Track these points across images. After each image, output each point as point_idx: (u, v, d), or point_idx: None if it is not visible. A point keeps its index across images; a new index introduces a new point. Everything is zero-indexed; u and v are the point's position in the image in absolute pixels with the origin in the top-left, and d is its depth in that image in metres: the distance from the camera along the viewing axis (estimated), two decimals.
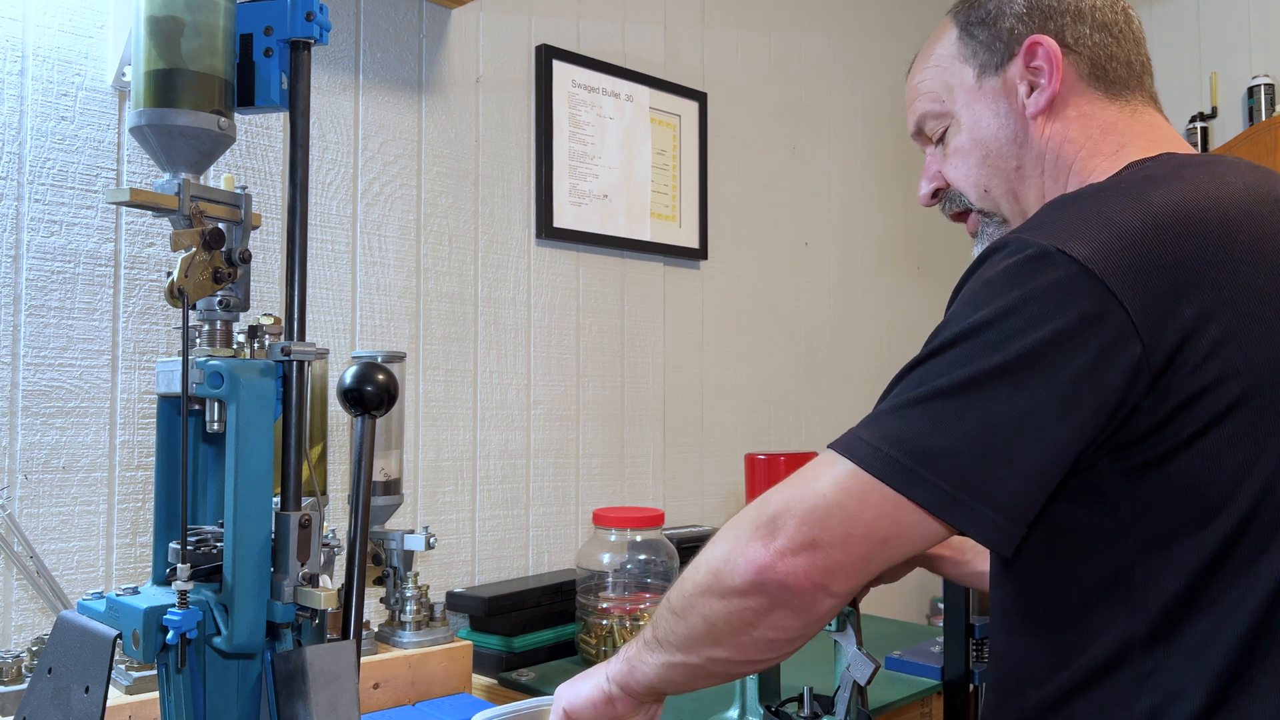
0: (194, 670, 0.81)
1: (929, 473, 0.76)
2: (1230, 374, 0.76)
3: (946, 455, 0.76)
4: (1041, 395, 0.75)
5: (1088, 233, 0.78)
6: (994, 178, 1.01)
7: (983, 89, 1.00)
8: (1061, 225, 0.80)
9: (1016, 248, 0.79)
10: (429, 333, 1.73)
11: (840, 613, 1.21)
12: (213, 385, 0.81)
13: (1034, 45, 0.96)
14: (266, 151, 1.55)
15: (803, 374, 2.44)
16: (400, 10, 1.71)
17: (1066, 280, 0.76)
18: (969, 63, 1.01)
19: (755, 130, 2.35)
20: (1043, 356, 0.75)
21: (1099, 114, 0.97)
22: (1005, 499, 0.76)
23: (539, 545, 1.88)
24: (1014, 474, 0.76)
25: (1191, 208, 0.80)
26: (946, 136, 1.03)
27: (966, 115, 1.01)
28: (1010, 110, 0.98)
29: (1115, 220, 0.79)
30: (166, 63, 0.84)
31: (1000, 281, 0.78)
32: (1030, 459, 0.76)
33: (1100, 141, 0.96)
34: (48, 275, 1.33)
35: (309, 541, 0.83)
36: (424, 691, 1.35)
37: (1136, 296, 0.75)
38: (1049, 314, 0.75)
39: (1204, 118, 2.75)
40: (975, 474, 0.75)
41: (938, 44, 1.05)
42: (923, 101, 1.05)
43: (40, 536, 1.31)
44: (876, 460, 0.77)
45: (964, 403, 0.76)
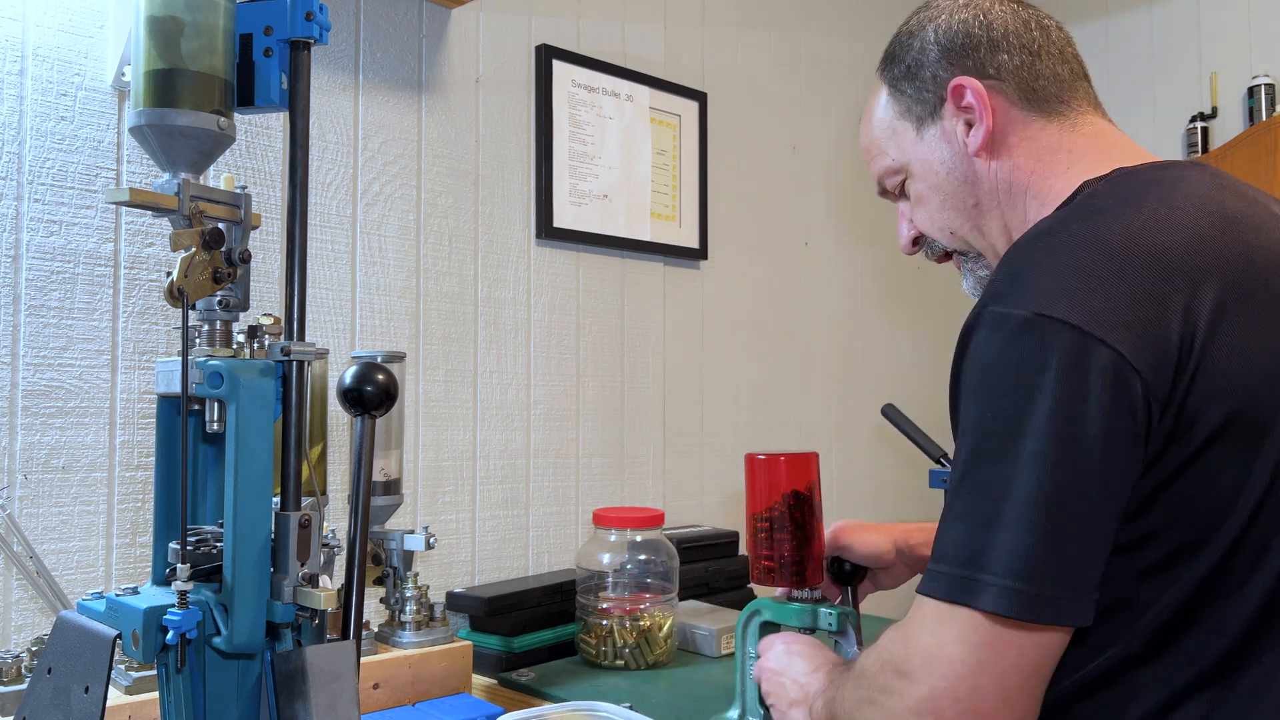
0: (194, 670, 0.81)
1: (1039, 588, 0.75)
2: (1214, 397, 0.78)
3: (1029, 560, 0.75)
4: (1076, 465, 0.76)
5: (1058, 288, 0.78)
6: (955, 218, 1.03)
7: (924, 139, 1.03)
8: (1028, 283, 0.80)
9: (997, 322, 0.80)
10: (429, 333, 1.73)
11: (840, 613, 1.21)
12: (212, 385, 0.81)
13: (959, 88, 0.98)
14: (266, 151, 1.55)
15: (803, 374, 2.44)
16: (400, 10, 1.71)
17: (1049, 342, 0.76)
18: (905, 117, 1.04)
19: (755, 130, 2.35)
20: (1061, 424, 0.76)
21: (1040, 136, 0.98)
22: (1090, 578, 0.77)
23: (539, 545, 1.88)
24: (1088, 552, 0.77)
25: (1146, 242, 0.80)
26: (906, 187, 1.07)
27: (918, 166, 1.04)
28: (954, 152, 1.01)
29: (1080, 267, 0.79)
30: (166, 63, 0.84)
31: (996, 364, 0.79)
32: (1092, 532, 0.77)
33: (1050, 163, 0.97)
34: (47, 275, 1.33)
35: (309, 541, 0.83)
36: (424, 691, 1.35)
37: (1122, 333, 0.76)
38: (1045, 376, 0.76)
39: (1204, 118, 2.75)
40: (1069, 571, 0.76)
41: (875, 105, 1.08)
42: (877, 160, 1.08)
43: (40, 536, 1.31)
44: (992, 596, 0.76)
45: (1026, 503, 0.76)
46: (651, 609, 1.60)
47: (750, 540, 1.25)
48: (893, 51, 1.06)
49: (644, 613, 1.59)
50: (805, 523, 1.22)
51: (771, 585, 1.24)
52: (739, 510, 2.17)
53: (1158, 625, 0.81)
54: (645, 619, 1.59)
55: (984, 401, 0.79)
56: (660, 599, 1.62)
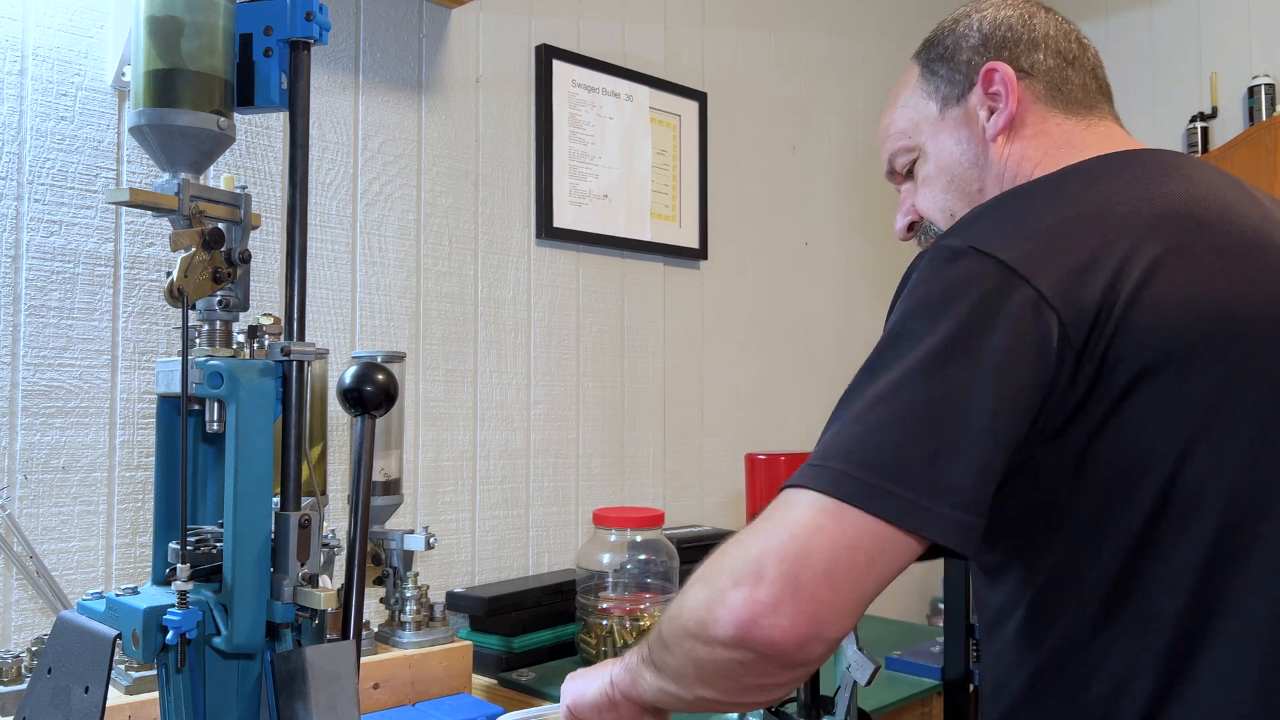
0: (194, 670, 0.81)
1: (889, 483, 0.74)
2: (1135, 346, 0.77)
3: (897, 462, 0.75)
4: (966, 379, 0.75)
5: (999, 230, 0.81)
6: (958, 201, 1.04)
7: (945, 119, 1.04)
8: (977, 227, 0.83)
9: (935, 252, 0.82)
10: (429, 333, 1.73)
11: None
12: (212, 385, 0.81)
13: (990, 71, 1.00)
14: (266, 151, 1.55)
15: (803, 374, 2.44)
16: (400, 10, 1.71)
17: (976, 270, 0.78)
18: (932, 98, 1.05)
19: (755, 130, 2.35)
20: (961, 342, 0.76)
21: (1056, 130, 1.00)
22: (959, 493, 0.75)
23: (539, 545, 1.88)
24: (961, 465, 0.75)
25: (1099, 204, 0.83)
26: (915, 169, 1.08)
27: (931, 145, 1.05)
28: (971, 135, 1.02)
29: (1026, 217, 0.82)
30: (166, 63, 0.84)
31: (921, 283, 0.81)
32: (973, 446, 0.75)
33: (1056, 155, 0.98)
34: (47, 275, 1.33)
35: (309, 541, 0.83)
36: (424, 691, 1.35)
37: (1047, 276, 0.77)
38: (961, 303, 0.77)
39: (1204, 118, 2.75)
40: (926, 474, 0.74)
41: (903, 87, 1.10)
42: (892, 141, 1.09)
43: (40, 536, 1.31)
44: (838, 482, 0.75)
45: (900, 404, 0.76)
46: (651, 609, 1.60)
47: None
48: (933, 37, 1.08)
49: (644, 613, 1.59)
50: None
51: None
52: (739, 510, 2.18)
53: (1102, 594, 0.80)
54: (645, 619, 1.59)
55: (898, 318, 0.81)
56: (660, 599, 1.62)
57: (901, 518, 0.74)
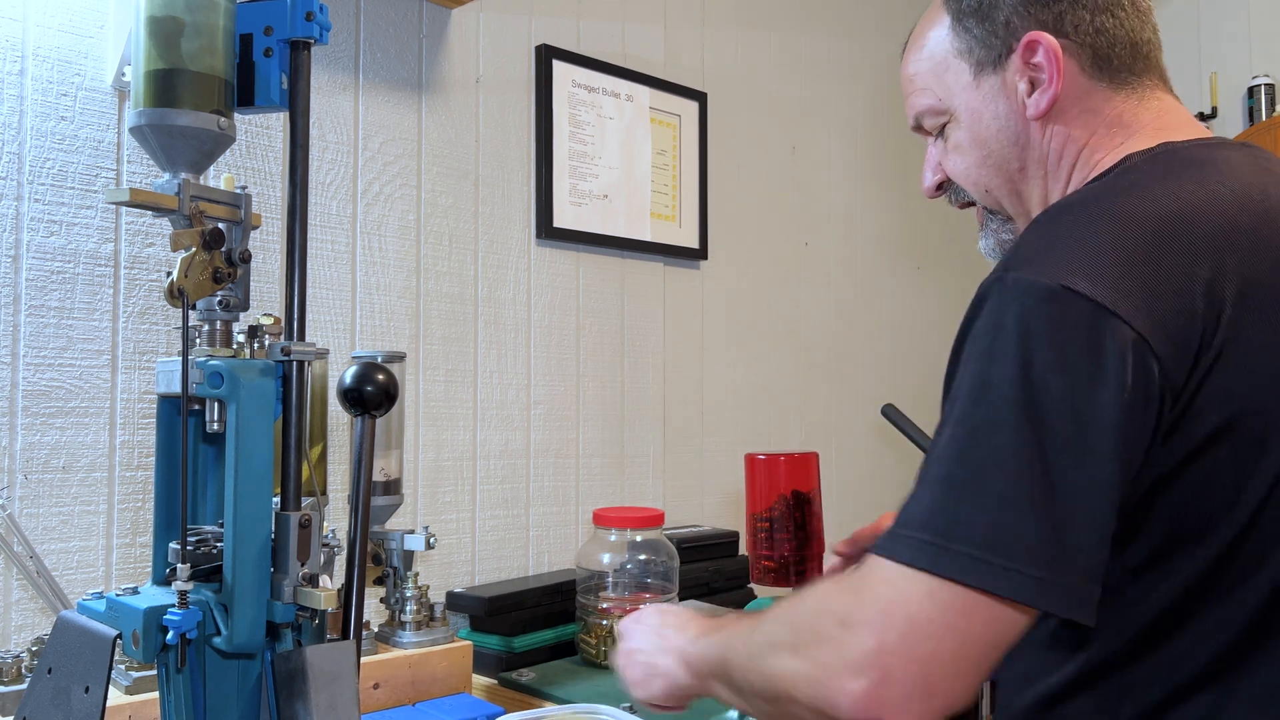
0: (194, 670, 0.81)
1: (1019, 564, 0.70)
2: (1223, 395, 0.75)
3: (1025, 539, 0.70)
4: (1084, 442, 0.71)
5: (1081, 261, 0.74)
6: (995, 178, 0.98)
7: (980, 88, 0.96)
8: (1054, 254, 0.76)
9: (1016, 289, 0.75)
10: (429, 333, 1.73)
11: None
12: (213, 385, 0.81)
13: (1033, 43, 0.92)
14: (266, 151, 1.55)
15: (803, 374, 2.44)
16: (400, 10, 1.71)
17: (1071, 315, 0.72)
18: (964, 59, 0.97)
19: (755, 130, 2.35)
20: (1072, 402, 0.71)
21: (1103, 108, 0.93)
22: (1089, 567, 0.72)
23: (539, 545, 1.88)
24: (1088, 536, 0.72)
25: (1177, 224, 0.77)
26: (946, 131, 1.00)
27: (965, 114, 0.97)
28: (1010, 110, 0.95)
29: (1106, 243, 0.75)
30: (166, 63, 0.84)
31: (1008, 327, 0.74)
32: (1096, 514, 0.72)
33: (1104, 136, 0.93)
34: (48, 275, 1.33)
35: (309, 541, 0.83)
36: (424, 691, 1.35)
37: (1143, 315, 0.72)
38: (1062, 354, 0.72)
39: (1204, 118, 2.75)
40: (1055, 550, 0.70)
41: (930, 31, 1.01)
42: (920, 96, 1.01)
43: (40, 536, 1.31)
44: (966, 568, 0.70)
45: (1017, 473, 0.71)
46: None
47: (750, 540, 1.25)
48: None
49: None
50: (805, 523, 1.22)
51: (771, 585, 1.24)
52: (739, 510, 2.17)
53: (1144, 624, 0.79)
54: None
55: (989, 366, 0.74)
56: (660, 599, 1.62)
57: (1036, 598, 0.70)
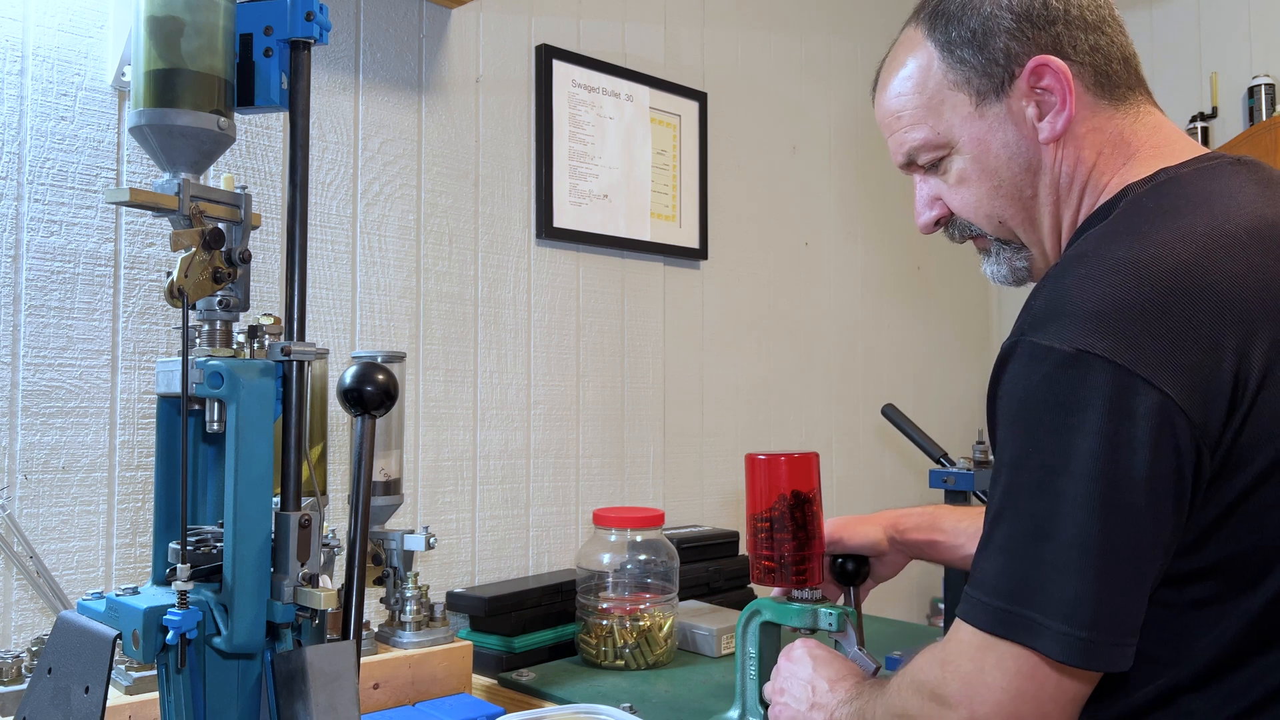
0: (194, 670, 0.81)
1: (1089, 632, 0.75)
2: (1265, 437, 0.76)
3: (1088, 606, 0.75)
4: (1126, 505, 0.74)
5: (1102, 322, 0.75)
6: (1009, 207, 0.96)
7: (984, 117, 0.94)
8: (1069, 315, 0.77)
9: (1037, 354, 0.77)
10: (429, 333, 1.73)
11: (840, 613, 1.21)
12: (213, 385, 0.81)
13: (1041, 67, 0.91)
14: (266, 151, 1.55)
15: (803, 374, 2.44)
16: (400, 10, 1.71)
17: (1097, 382, 0.74)
18: (962, 89, 0.94)
19: (755, 130, 2.35)
20: (1109, 470, 0.74)
21: (1107, 126, 0.93)
22: (1133, 627, 0.77)
23: (539, 545, 1.88)
24: (1132, 597, 0.76)
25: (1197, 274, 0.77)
26: (944, 165, 0.98)
27: (970, 145, 0.95)
28: (1020, 137, 0.93)
29: (1125, 300, 0.75)
30: (166, 63, 0.84)
31: (1037, 398, 0.77)
32: (1140, 575, 0.76)
33: (1109, 157, 0.93)
34: (47, 275, 1.33)
35: (309, 541, 0.83)
36: (424, 691, 1.35)
37: (1169, 375, 0.73)
38: (1091, 422, 0.74)
39: (1204, 118, 2.75)
40: (1110, 614, 0.76)
41: (913, 66, 0.97)
42: (911, 132, 0.98)
43: (40, 536, 1.31)
44: (1045, 639, 0.76)
45: (1070, 541, 0.75)
46: (651, 609, 1.60)
47: (750, 540, 1.25)
48: (948, 10, 0.95)
49: (644, 613, 1.59)
50: (805, 523, 1.22)
51: (771, 585, 1.24)
52: (739, 510, 2.17)
53: (1207, 659, 0.81)
54: (645, 619, 1.59)
55: (1024, 435, 0.78)
56: (660, 599, 1.62)
57: (1085, 660, 0.75)
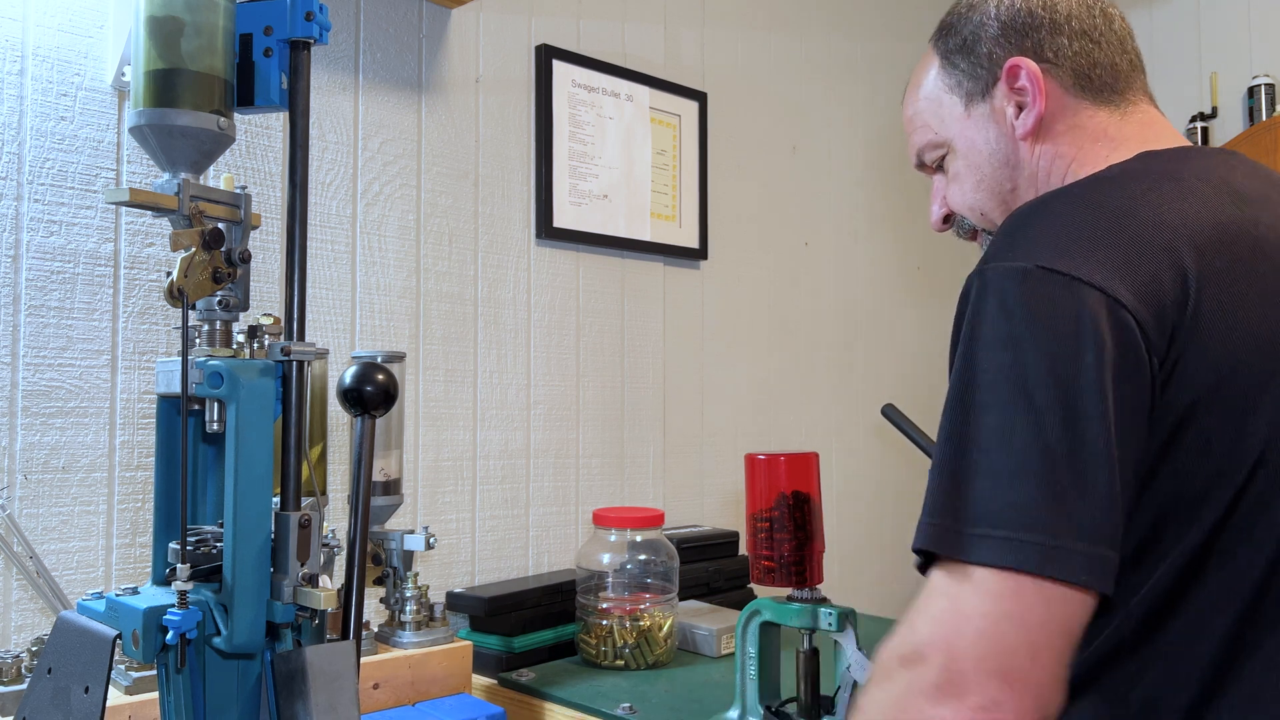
0: (194, 670, 0.81)
1: (1017, 534, 0.71)
2: (1205, 362, 0.76)
3: (1028, 510, 0.72)
4: (1079, 407, 0.73)
5: (1057, 243, 0.78)
6: (989, 200, 1.03)
7: (972, 116, 1.02)
8: (1029, 241, 0.79)
9: (996, 275, 0.78)
10: (429, 333, 1.73)
11: (840, 612, 1.21)
12: (212, 385, 0.81)
13: (1014, 68, 0.97)
14: (266, 151, 1.55)
15: (803, 374, 2.44)
16: (400, 10, 1.71)
17: (1049, 291, 0.75)
18: (955, 92, 1.03)
19: (755, 130, 2.35)
20: (1061, 370, 0.73)
21: (1088, 123, 0.97)
22: (1104, 532, 0.73)
23: (539, 545, 1.88)
24: (1099, 501, 0.73)
25: (1147, 206, 0.80)
26: (945, 163, 1.06)
27: (961, 143, 1.03)
28: (1000, 134, 1.00)
29: (1078, 225, 0.79)
30: (166, 63, 0.84)
31: (991, 311, 0.77)
32: (1102, 478, 0.73)
33: (1090, 151, 0.96)
34: (47, 275, 1.33)
35: (309, 541, 0.83)
36: (424, 691, 1.35)
37: (1120, 285, 0.75)
38: (1043, 328, 0.75)
39: (1204, 118, 2.75)
40: (1057, 518, 0.72)
41: (924, 76, 1.06)
42: (919, 134, 1.07)
43: (40, 536, 1.31)
44: (1008, 550, 0.71)
45: (1023, 448, 0.73)
46: (651, 609, 1.60)
47: (750, 540, 1.25)
48: (950, 23, 1.04)
49: (644, 613, 1.59)
50: (805, 523, 1.22)
51: (771, 585, 1.24)
52: (739, 510, 2.18)
53: (1151, 603, 0.79)
54: (645, 619, 1.59)
55: (979, 351, 0.77)
56: (660, 599, 1.62)
57: (1073, 574, 0.71)
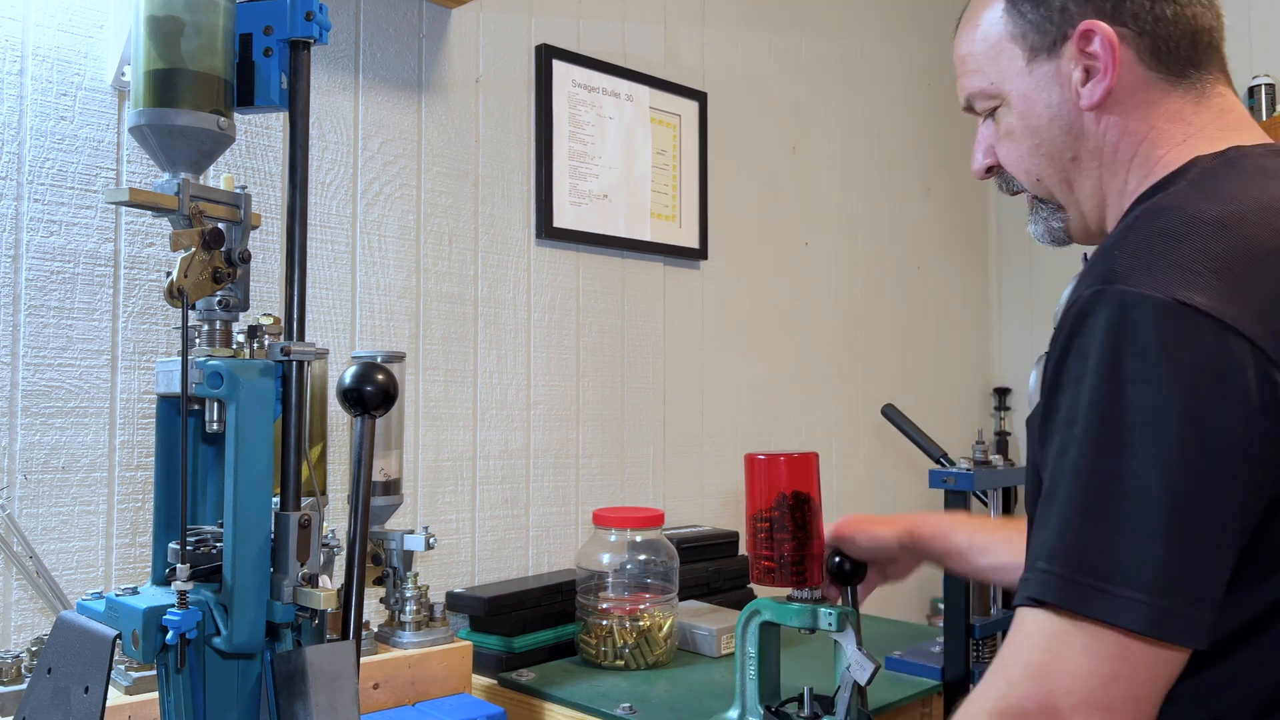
0: (194, 670, 0.81)
1: (1176, 602, 0.70)
2: None
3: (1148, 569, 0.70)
4: (1216, 467, 0.70)
5: (1196, 275, 0.72)
6: (1047, 168, 0.96)
7: (1033, 74, 0.94)
8: (1158, 266, 0.74)
9: (1127, 302, 0.73)
10: (429, 333, 1.73)
11: (840, 613, 1.21)
12: (212, 385, 0.81)
13: (1088, 32, 0.90)
14: (266, 151, 1.55)
15: (803, 374, 2.44)
16: (400, 10, 1.71)
17: (1185, 330, 0.71)
18: (1017, 43, 0.94)
19: (755, 130, 2.35)
20: (1200, 422, 0.70)
21: (1162, 101, 0.91)
22: (1213, 596, 0.71)
23: (539, 545, 1.88)
24: (1216, 566, 0.71)
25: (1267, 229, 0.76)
26: (998, 115, 0.98)
27: (1018, 100, 0.95)
28: (1063, 99, 0.93)
29: (1217, 255, 0.74)
30: (166, 63, 0.84)
31: (1129, 350, 0.72)
32: (1223, 539, 0.71)
33: (1165, 131, 0.91)
34: (47, 275, 1.33)
35: (309, 541, 0.83)
36: (424, 692, 1.35)
37: (1264, 330, 0.71)
38: (1182, 373, 0.70)
39: None
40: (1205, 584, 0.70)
41: (984, 12, 0.98)
42: (972, 78, 0.99)
43: (40, 536, 1.31)
44: (1128, 610, 0.70)
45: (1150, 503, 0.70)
46: (651, 609, 1.60)
47: (750, 540, 1.25)
48: None
49: (644, 613, 1.59)
50: (805, 523, 1.22)
51: (771, 585, 1.24)
52: (739, 510, 2.17)
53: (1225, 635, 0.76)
54: (645, 619, 1.59)
55: (1104, 388, 0.72)
56: (660, 599, 1.62)
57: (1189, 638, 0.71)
